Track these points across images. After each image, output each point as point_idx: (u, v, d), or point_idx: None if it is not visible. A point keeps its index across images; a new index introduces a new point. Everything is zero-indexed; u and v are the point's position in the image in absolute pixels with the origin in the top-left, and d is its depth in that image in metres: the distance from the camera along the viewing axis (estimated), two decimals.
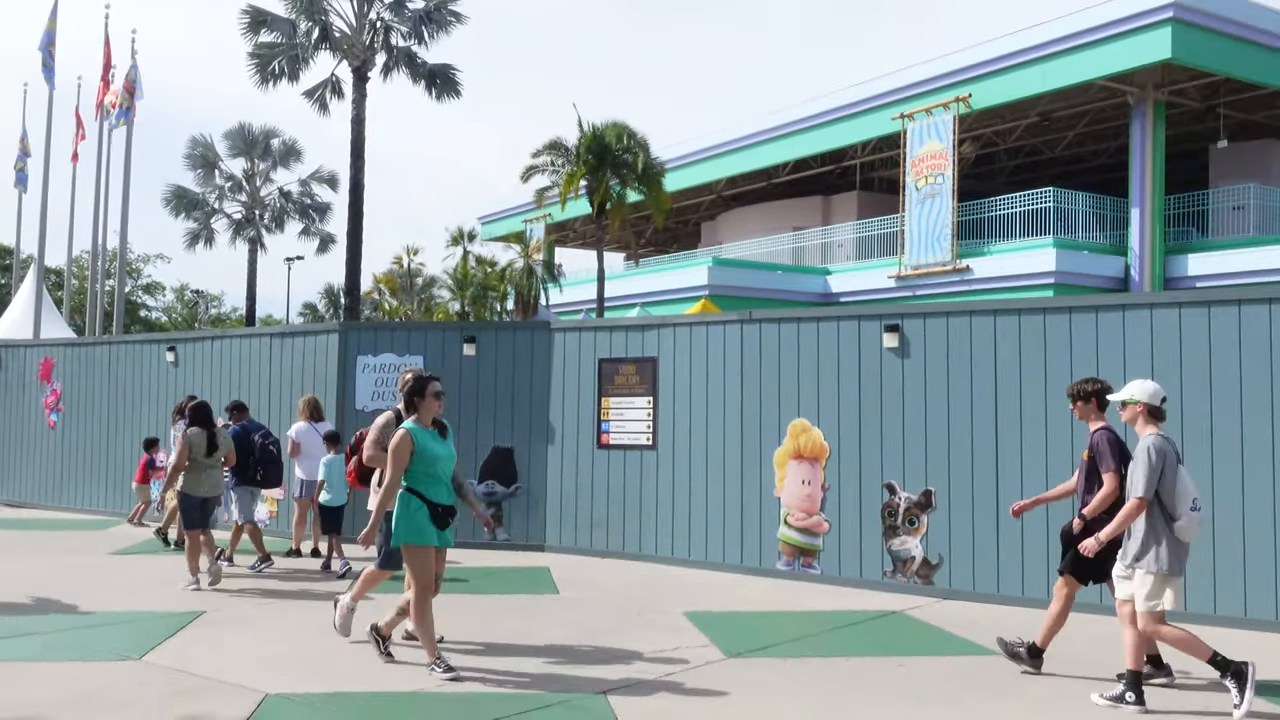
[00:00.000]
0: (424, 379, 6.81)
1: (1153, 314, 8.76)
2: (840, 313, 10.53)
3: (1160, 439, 6.11)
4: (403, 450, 6.59)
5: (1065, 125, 28.62)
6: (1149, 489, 5.95)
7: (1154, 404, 6.24)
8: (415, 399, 6.77)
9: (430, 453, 6.67)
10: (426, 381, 6.79)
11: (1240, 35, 23.04)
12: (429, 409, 6.77)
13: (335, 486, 10.98)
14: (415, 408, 6.79)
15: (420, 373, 6.88)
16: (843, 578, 9.96)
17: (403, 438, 6.61)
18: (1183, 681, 6.67)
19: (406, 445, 6.61)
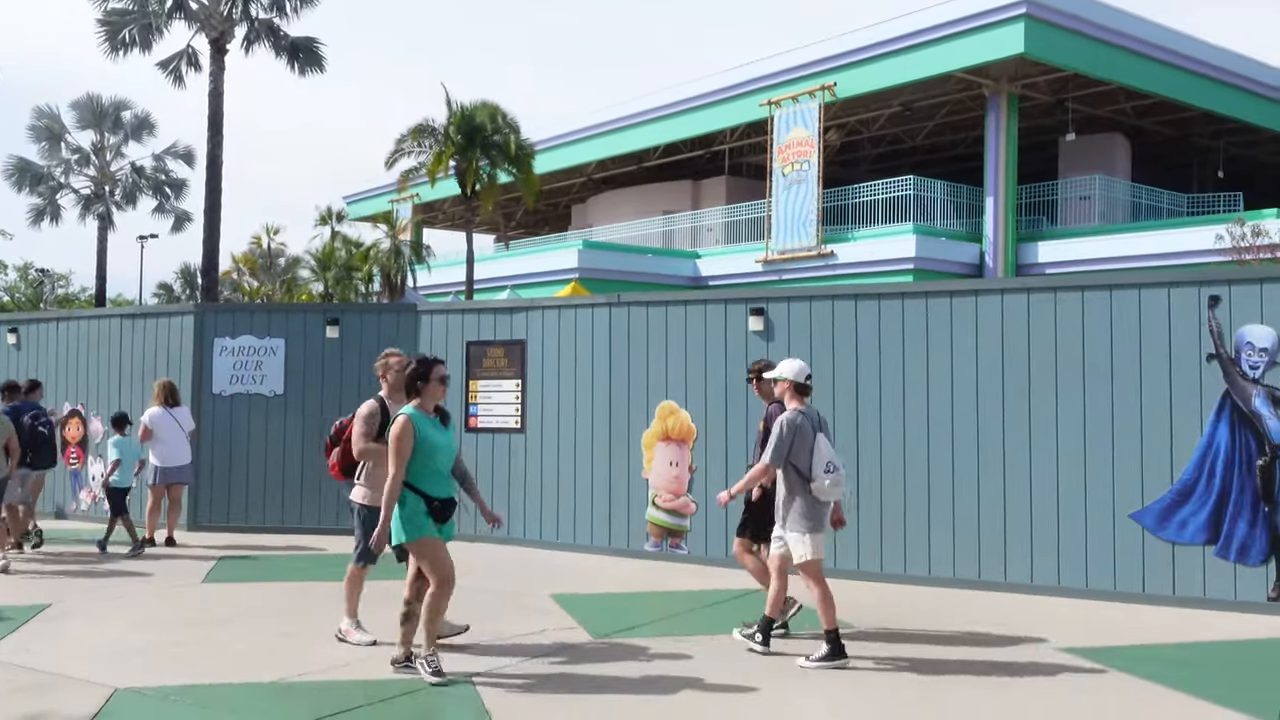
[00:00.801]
0: (429, 361, 6.29)
1: (1003, 299, 9.12)
2: (707, 296, 10.66)
3: (796, 413, 6.78)
4: (405, 439, 6.08)
5: (925, 115, 29.48)
6: (776, 458, 6.69)
7: (799, 380, 6.92)
8: (419, 383, 6.24)
9: (431, 443, 6.16)
10: (432, 364, 6.28)
11: (1088, 33, 24.10)
12: (433, 394, 6.27)
13: (126, 469, 11.09)
14: (417, 392, 6.25)
15: (424, 355, 6.38)
16: (709, 558, 10.10)
17: (405, 425, 6.10)
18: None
19: (409, 434, 6.09)
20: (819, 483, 6.60)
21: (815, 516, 6.69)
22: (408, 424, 6.11)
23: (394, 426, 6.14)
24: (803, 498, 6.67)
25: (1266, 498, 8.14)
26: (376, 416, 6.93)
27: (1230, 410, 8.29)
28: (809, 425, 6.73)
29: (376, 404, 7.03)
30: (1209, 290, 8.44)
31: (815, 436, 6.67)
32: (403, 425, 6.11)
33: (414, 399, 6.28)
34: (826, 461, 6.61)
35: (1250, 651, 7.01)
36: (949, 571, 9.11)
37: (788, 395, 6.90)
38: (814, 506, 6.68)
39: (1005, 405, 9.01)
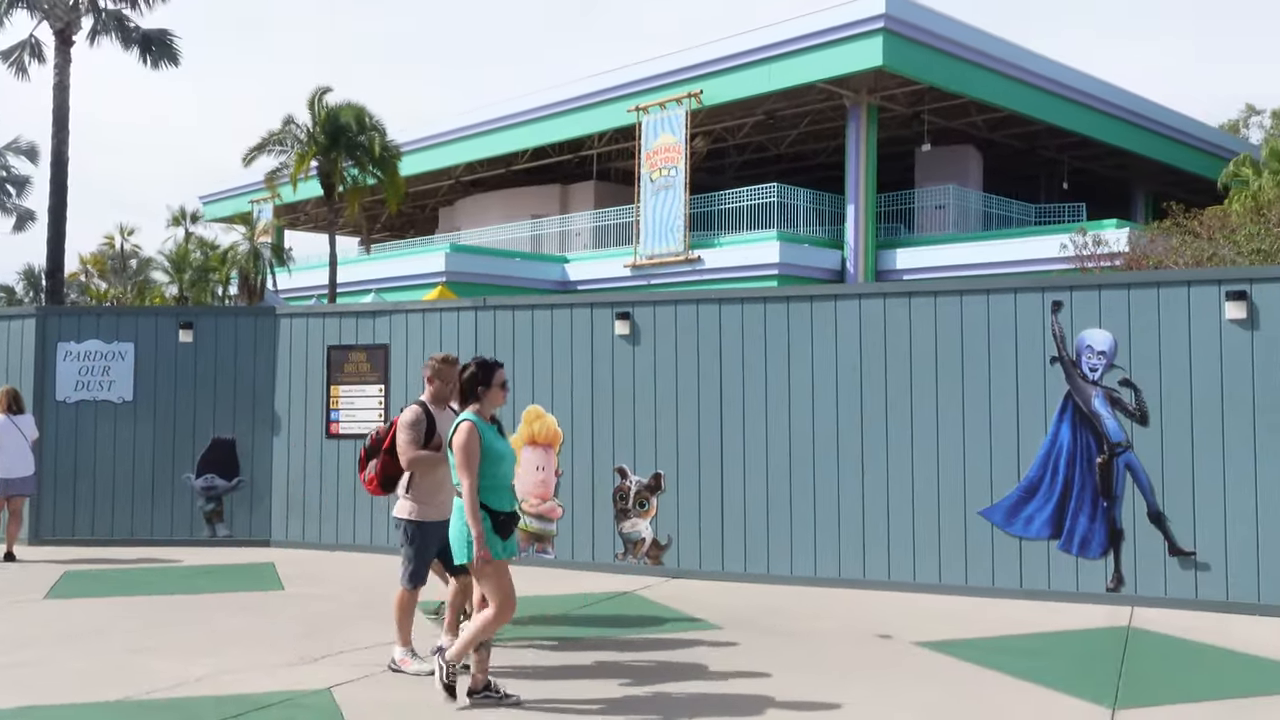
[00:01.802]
0: (489, 365, 5.89)
1: (861, 304, 9.38)
2: (573, 300, 10.66)
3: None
4: (473, 446, 5.62)
5: (789, 124, 30.10)
6: None
7: None
8: (479, 389, 5.82)
9: (496, 452, 5.78)
10: (493, 369, 5.89)
11: (943, 48, 24.96)
12: (494, 401, 5.88)
13: None
14: (476, 398, 5.82)
15: (484, 358, 5.98)
16: (576, 562, 10.10)
17: (470, 432, 5.64)
18: None
19: (476, 441, 5.65)
20: None
21: None
22: (473, 430, 5.66)
23: (458, 434, 5.67)
24: None
25: (1105, 493, 8.56)
26: (422, 423, 6.49)
27: (1072, 410, 8.70)
28: None
29: (420, 409, 6.57)
30: (1052, 296, 8.84)
31: None
32: (468, 432, 5.65)
33: (471, 405, 5.83)
34: None
35: (1090, 640, 7.35)
36: (810, 570, 9.31)
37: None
38: None
39: (864, 407, 9.26)
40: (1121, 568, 8.48)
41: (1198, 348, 8.36)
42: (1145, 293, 8.61)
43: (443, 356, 6.73)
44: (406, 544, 6.54)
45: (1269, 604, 8.01)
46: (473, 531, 5.59)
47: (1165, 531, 8.36)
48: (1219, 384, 8.30)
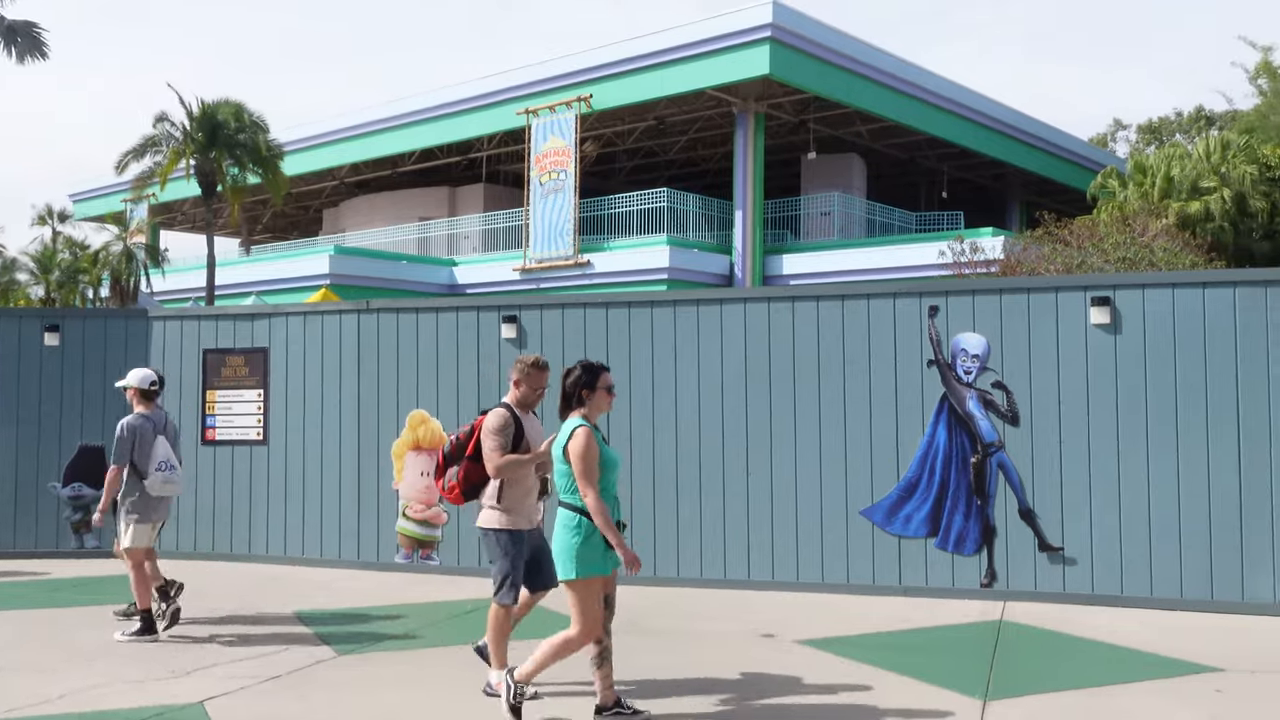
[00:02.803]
0: (595, 368, 5.65)
1: (746, 308, 9.49)
2: (459, 303, 10.55)
3: (137, 417, 7.64)
4: (593, 453, 5.35)
5: (679, 130, 30.35)
6: (120, 459, 7.52)
7: (143, 387, 7.77)
8: (584, 392, 5.56)
9: (609, 460, 5.53)
10: (599, 372, 5.64)
11: (828, 59, 25.47)
12: (600, 405, 5.61)
13: None
14: (581, 402, 5.56)
15: (590, 361, 5.74)
16: (461, 568, 9.99)
17: (589, 438, 5.38)
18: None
19: (595, 448, 5.38)
20: (151, 479, 7.50)
21: (151, 508, 7.58)
22: (591, 436, 5.40)
23: (575, 440, 5.39)
24: (141, 492, 7.54)
25: (979, 492, 8.83)
26: (510, 427, 6.10)
27: (948, 412, 8.95)
28: (151, 429, 7.62)
29: (508, 413, 6.16)
30: (929, 301, 9.08)
31: (155, 438, 7.59)
32: (587, 438, 5.38)
33: (577, 410, 5.56)
34: (160, 461, 7.54)
35: (964, 634, 7.57)
36: (696, 572, 9.38)
37: (136, 400, 7.72)
38: (150, 500, 7.56)
39: (749, 409, 9.37)
40: (995, 564, 8.75)
41: (1065, 351, 8.68)
42: (1016, 298, 8.90)
43: (533, 360, 6.34)
44: (501, 557, 6.08)
45: (1130, 595, 8.36)
46: (611, 539, 5.30)
47: (1035, 528, 8.66)
48: (1085, 386, 8.63)
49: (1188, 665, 6.65)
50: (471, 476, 6.21)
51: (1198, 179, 24.02)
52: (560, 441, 5.49)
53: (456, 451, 6.33)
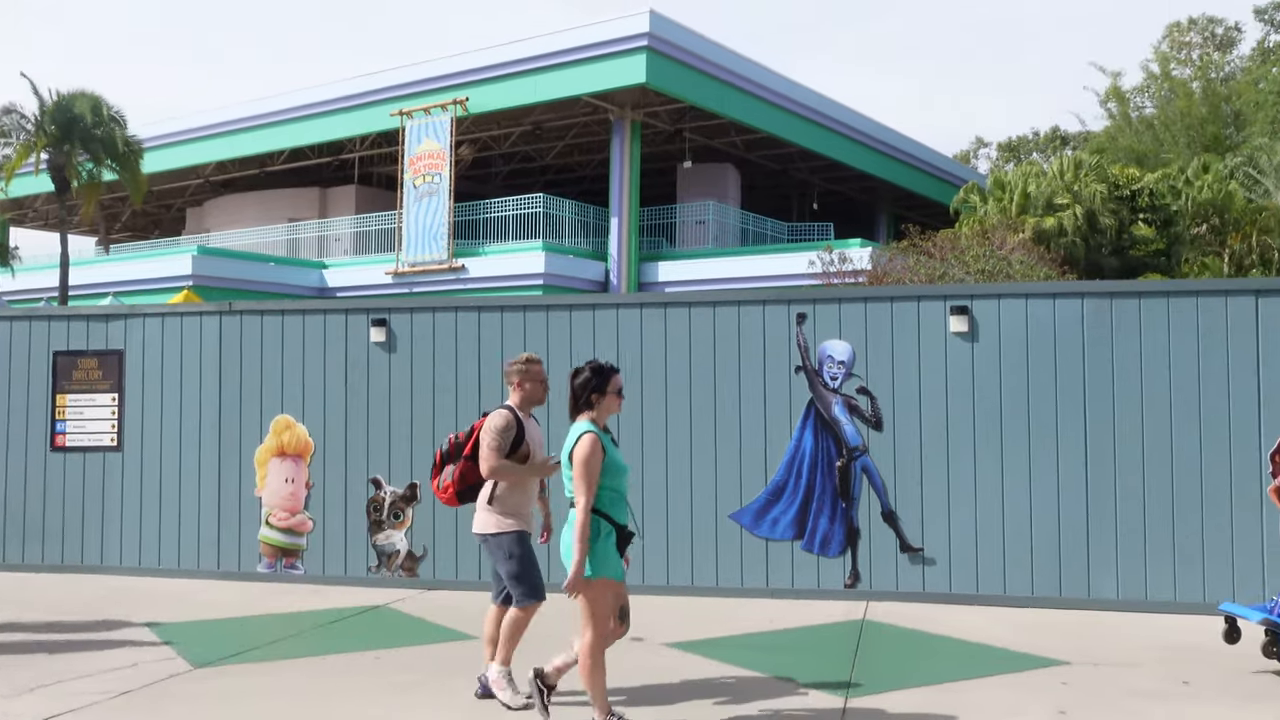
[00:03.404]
0: (605, 370, 5.50)
1: (619, 313, 9.54)
2: (327, 306, 10.32)
3: None
4: (596, 460, 5.27)
5: (555, 136, 30.32)
6: None
7: None
8: (593, 395, 5.42)
9: (617, 464, 5.42)
10: (609, 374, 5.50)
11: (704, 69, 25.80)
12: (610, 408, 5.49)
13: None
14: (591, 405, 5.43)
15: (599, 362, 5.57)
16: (327, 576, 9.77)
17: (595, 444, 5.28)
18: None
19: (599, 455, 5.29)
20: None
21: None
22: (597, 442, 5.29)
23: (581, 446, 5.27)
24: None
25: (844, 496, 9.04)
26: (513, 429, 5.96)
27: (814, 417, 9.15)
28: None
29: (511, 415, 6.04)
30: (797, 308, 9.27)
31: None
32: (593, 444, 5.28)
33: (585, 414, 5.44)
34: None
35: (828, 634, 7.73)
36: (544, 575, 9.34)
37: None
38: None
39: (620, 415, 9.38)
40: (858, 565, 8.97)
41: (926, 358, 8.96)
42: (880, 306, 9.16)
43: (527, 356, 6.28)
44: (507, 559, 5.98)
45: (986, 594, 8.67)
46: (576, 554, 5.17)
47: (897, 530, 8.91)
48: (944, 391, 8.92)
49: (1037, 659, 6.93)
50: (469, 477, 6.10)
51: (1052, 196, 25.13)
52: (568, 445, 5.40)
53: (454, 451, 6.20)
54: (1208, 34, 46.57)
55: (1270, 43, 46.80)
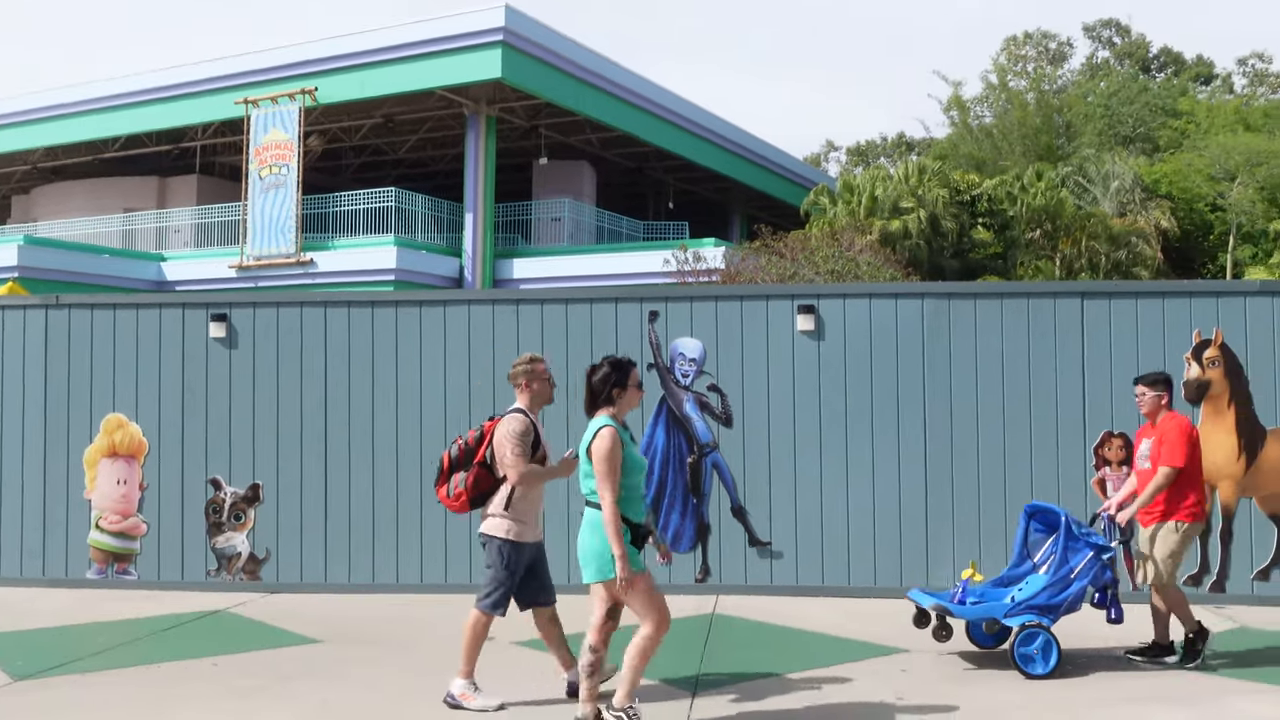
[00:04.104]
0: (624, 364, 5.42)
1: (470, 310, 9.43)
2: (163, 300, 9.90)
3: None
4: (617, 456, 5.19)
5: (409, 129, 29.77)
6: None
7: None
8: (614, 390, 5.36)
9: (635, 461, 5.36)
10: (629, 368, 5.43)
11: (560, 66, 25.72)
12: (630, 403, 5.42)
13: None
14: (610, 401, 5.36)
15: (617, 357, 5.47)
16: (162, 581, 9.36)
17: (615, 440, 5.22)
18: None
19: (619, 450, 5.22)
20: None
21: None
22: (617, 437, 5.24)
23: (600, 441, 5.21)
24: None
25: (695, 492, 9.15)
26: (531, 434, 5.88)
27: (666, 414, 9.23)
28: None
29: (527, 419, 5.95)
30: (650, 306, 9.33)
31: None
32: (613, 439, 5.22)
33: (604, 409, 5.36)
34: None
35: (679, 627, 7.74)
36: (417, 578, 9.21)
37: None
38: None
39: (472, 413, 9.29)
40: (709, 560, 9.10)
41: (774, 356, 9.14)
42: (731, 305, 9.30)
43: (531, 356, 6.23)
44: (499, 565, 5.88)
45: (831, 585, 8.91)
46: (615, 550, 5.15)
47: (746, 525, 9.06)
48: (791, 389, 9.12)
49: (879, 648, 7.15)
50: (482, 484, 5.98)
51: (898, 199, 26.01)
52: (586, 440, 5.33)
53: (464, 457, 6.06)
54: (1042, 48, 48.98)
55: (1098, 59, 49.54)
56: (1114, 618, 6.80)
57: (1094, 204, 31.39)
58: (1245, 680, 6.44)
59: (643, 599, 5.30)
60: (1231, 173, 32.91)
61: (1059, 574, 6.69)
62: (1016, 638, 6.52)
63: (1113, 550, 6.84)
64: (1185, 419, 7.04)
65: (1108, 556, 6.77)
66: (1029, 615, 6.57)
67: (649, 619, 5.31)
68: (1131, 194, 31.51)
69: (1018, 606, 6.63)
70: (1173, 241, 31.62)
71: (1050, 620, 6.59)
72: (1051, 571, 6.72)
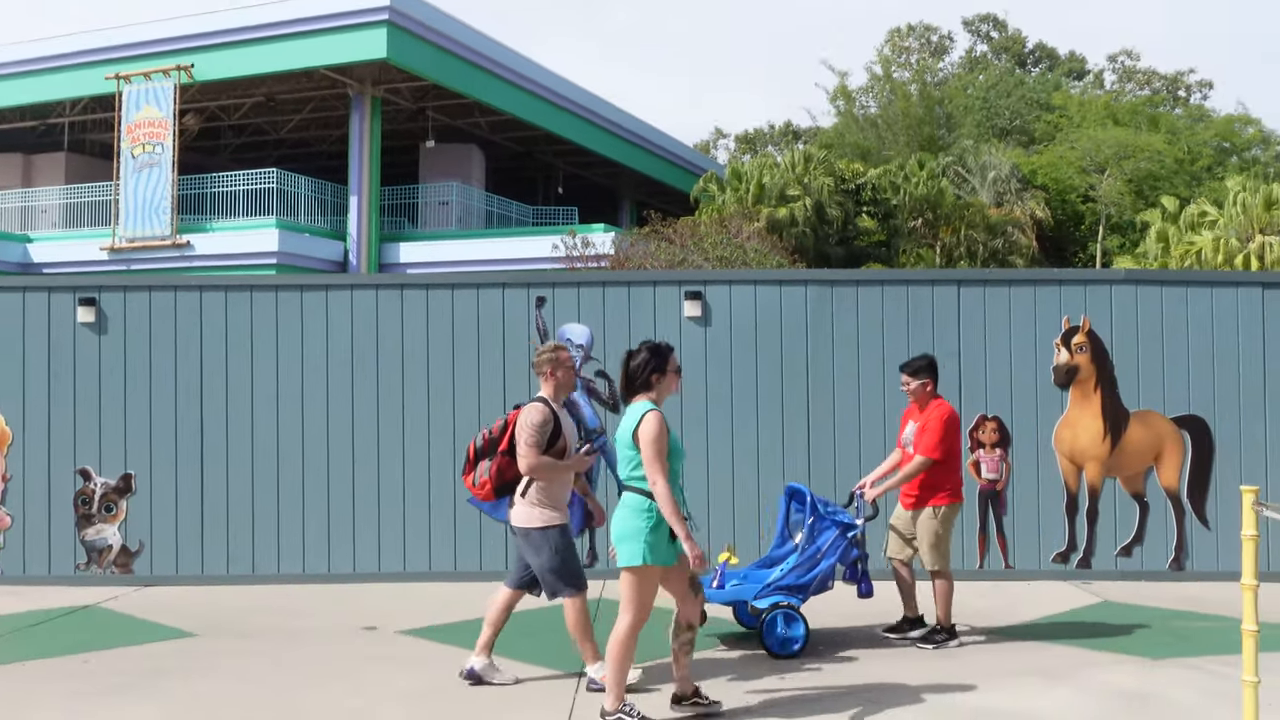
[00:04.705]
0: (663, 349, 5.37)
1: (353, 294, 9.26)
2: (27, 283, 9.48)
3: None
4: (664, 439, 5.13)
5: (291, 109, 29.01)
6: None
7: None
8: (653, 376, 5.31)
9: (677, 446, 5.28)
10: (667, 353, 5.38)
11: (447, 47, 25.34)
12: (669, 388, 5.38)
13: None
14: (648, 386, 5.31)
15: (655, 342, 5.40)
16: (28, 576, 8.99)
17: (661, 423, 5.16)
18: None
19: (665, 435, 5.15)
20: None
21: None
22: (663, 421, 5.18)
23: (647, 425, 5.13)
24: None
25: (584, 477, 9.14)
26: (549, 424, 5.81)
27: None
28: None
29: (547, 409, 5.85)
30: (537, 291, 9.29)
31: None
32: (659, 422, 5.15)
33: (644, 395, 5.31)
34: None
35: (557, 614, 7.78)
36: (298, 568, 9.03)
37: None
38: None
39: (355, 398, 9.14)
40: (595, 545, 9.12)
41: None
42: (618, 291, 9.32)
43: (554, 345, 6.16)
44: (553, 554, 5.80)
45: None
46: (679, 531, 5.09)
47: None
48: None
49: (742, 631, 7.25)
50: (506, 473, 5.98)
51: (785, 188, 26.39)
52: (628, 425, 5.23)
53: (489, 446, 6.06)
54: (924, 40, 50.16)
55: (977, 52, 50.96)
56: (864, 592, 6.86)
57: (973, 194, 32.36)
58: (1109, 652, 6.72)
59: (643, 592, 5.22)
60: (1101, 165, 34.29)
61: (807, 553, 6.72)
62: (766, 619, 6.57)
63: (858, 528, 6.82)
64: (948, 408, 7.04)
65: (853, 534, 6.77)
66: (778, 596, 6.62)
67: (634, 610, 5.21)
68: (1008, 184, 32.58)
69: (767, 588, 6.68)
70: (1047, 231, 32.82)
71: (800, 600, 6.65)
72: (800, 551, 6.75)
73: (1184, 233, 27.59)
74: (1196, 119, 40.88)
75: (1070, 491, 9.23)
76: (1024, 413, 9.23)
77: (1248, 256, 25.56)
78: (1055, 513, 9.22)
